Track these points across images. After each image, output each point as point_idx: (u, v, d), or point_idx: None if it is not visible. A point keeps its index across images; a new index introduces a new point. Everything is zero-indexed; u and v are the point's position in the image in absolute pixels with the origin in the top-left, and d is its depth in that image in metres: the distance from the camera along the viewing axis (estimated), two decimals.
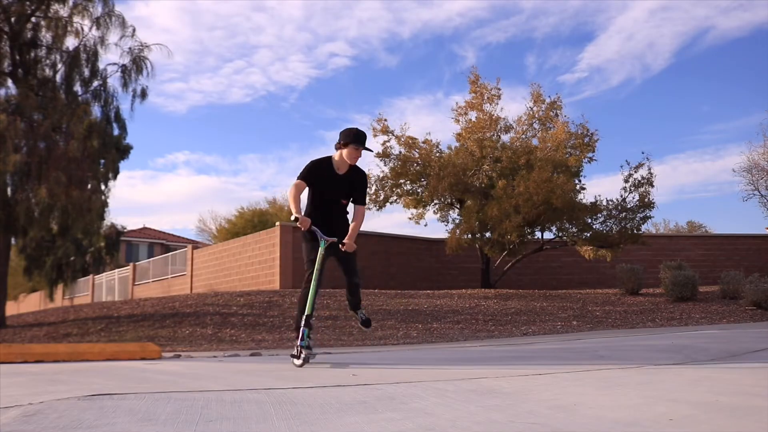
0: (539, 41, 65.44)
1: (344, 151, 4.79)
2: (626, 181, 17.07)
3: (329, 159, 4.89)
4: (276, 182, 73.77)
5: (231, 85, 69.26)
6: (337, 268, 4.99)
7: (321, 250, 4.62)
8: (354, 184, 4.89)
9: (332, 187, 4.85)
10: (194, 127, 73.86)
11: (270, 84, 69.90)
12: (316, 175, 4.82)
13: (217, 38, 67.72)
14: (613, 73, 64.91)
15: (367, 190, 4.81)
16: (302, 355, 4.47)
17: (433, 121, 69.85)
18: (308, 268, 4.73)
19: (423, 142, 17.64)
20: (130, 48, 16.05)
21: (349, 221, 4.96)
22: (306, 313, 4.57)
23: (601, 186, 56.16)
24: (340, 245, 4.66)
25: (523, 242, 17.06)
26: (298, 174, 4.84)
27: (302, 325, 4.55)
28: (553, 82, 65.01)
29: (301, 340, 4.50)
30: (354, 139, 4.75)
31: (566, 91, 65.68)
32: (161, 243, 42.60)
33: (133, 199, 64.30)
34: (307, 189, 4.87)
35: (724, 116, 63.42)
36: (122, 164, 16.87)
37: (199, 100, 69.69)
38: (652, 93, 66.22)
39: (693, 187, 70.79)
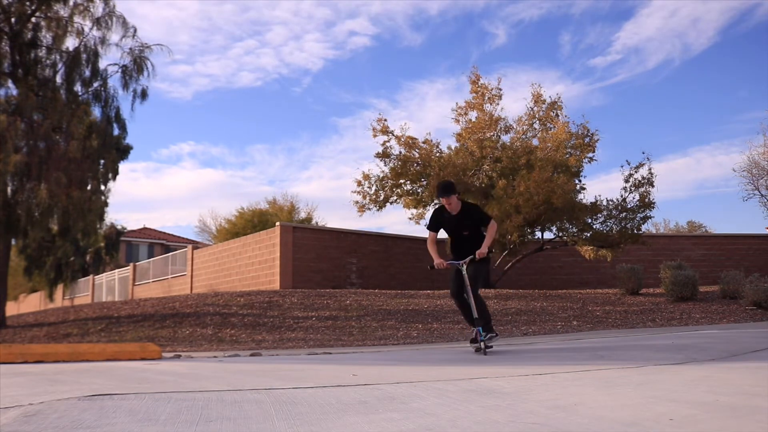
0: (576, 17, 61.33)
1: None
2: (626, 181, 17.08)
3: (443, 206, 6.08)
4: (284, 176, 70.55)
5: (240, 68, 66.54)
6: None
7: (463, 272, 5.84)
8: (470, 218, 6.03)
9: (453, 226, 6.08)
10: (200, 115, 70.76)
11: (282, 66, 67.08)
12: (438, 221, 6.13)
13: (227, 13, 64.72)
14: (650, 54, 60.39)
15: (483, 212, 6.41)
16: (481, 347, 5.76)
17: (454, 107, 68.05)
18: (451, 289, 6.19)
19: (423, 142, 17.64)
20: (130, 48, 16.07)
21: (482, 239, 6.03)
22: (474, 317, 5.83)
23: (609, 182, 53.83)
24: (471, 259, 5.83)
25: (523, 242, 17.07)
26: (428, 226, 6.29)
27: (473, 326, 5.90)
28: (584, 66, 62.53)
29: (480, 336, 5.79)
30: (438, 193, 6.00)
31: (597, 75, 63.25)
32: (161, 243, 42.62)
33: (135, 194, 62.87)
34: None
35: (761, 103, 57.28)
36: (124, 158, 16.87)
37: (206, 84, 66.96)
38: (690, 77, 61.51)
39: (714, 182, 67.04)
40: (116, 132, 16.29)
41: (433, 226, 6.24)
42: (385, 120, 17.69)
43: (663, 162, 62.94)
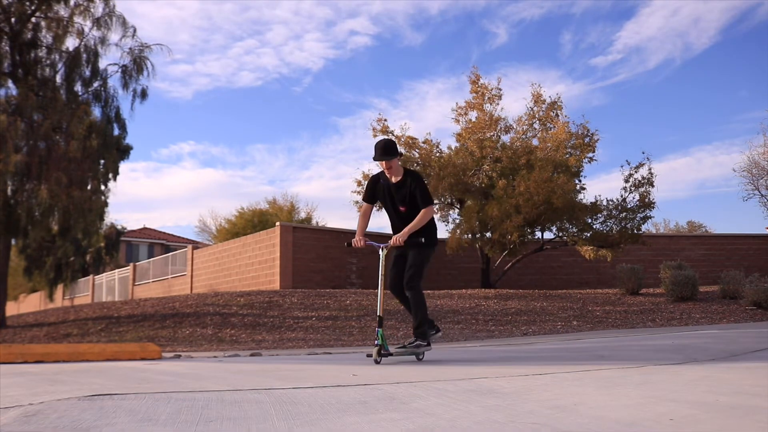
0: (577, 17, 61.17)
1: None
2: (626, 181, 17.08)
3: (382, 173, 5.09)
4: (284, 176, 70.41)
5: (241, 68, 66.06)
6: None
7: (381, 258, 4.95)
8: (409, 191, 4.96)
9: (389, 197, 5.05)
10: (200, 115, 70.52)
11: (283, 66, 66.37)
12: (374, 189, 5.14)
13: (228, 12, 64.02)
14: (651, 53, 60.28)
15: (424, 190, 5.04)
16: (374, 352, 4.69)
17: (454, 107, 67.50)
18: (389, 280, 5.08)
19: (423, 142, 17.65)
20: (130, 48, 16.10)
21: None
22: (378, 314, 4.91)
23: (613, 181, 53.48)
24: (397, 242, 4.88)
25: (523, 242, 17.07)
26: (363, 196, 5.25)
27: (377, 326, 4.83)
28: (585, 66, 62.29)
29: (376, 339, 4.77)
30: (375, 155, 4.94)
31: (598, 74, 62.92)
32: (161, 243, 42.63)
33: (135, 194, 62.65)
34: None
35: (762, 103, 56.30)
36: (124, 158, 16.89)
37: (206, 84, 66.50)
38: (691, 76, 61.58)
39: (715, 181, 66.80)
40: (116, 132, 16.32)
41: (366, 196, 5.21)
42: (385, 120, 17.73)
43: (664, 162, 62.95)
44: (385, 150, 4.90)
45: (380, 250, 4.94)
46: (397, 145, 5.07)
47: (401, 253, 5.03)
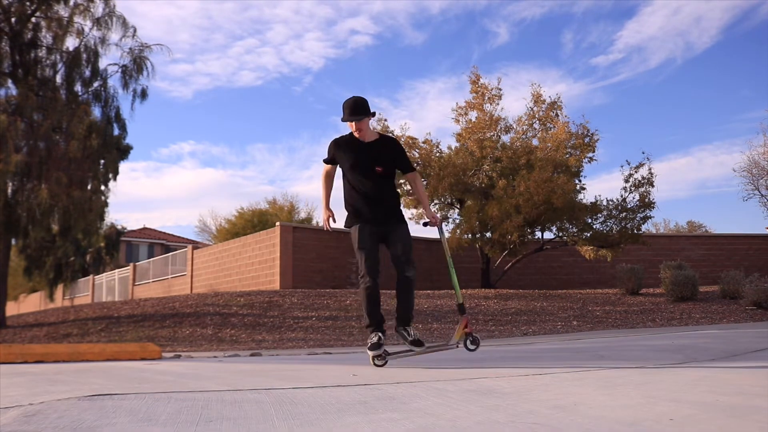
0: (578, 16, 61.36)
1: None
2: (626, 181, 17.09)
3: (351, 133, 4.28)
4: (285, 175, 71.00)
5: (241, 67, 66.16)
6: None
7: (444, 239, 4.26)
8: (387, 151, 4.21)
9: (360, 155, 4.16)
10: (200, 114, 70.73)
11: (283, 65, 66.59)
12: (338, 148, 4.23)
13: (228, 11, 64.11)
14: (653, 52, 60.43)
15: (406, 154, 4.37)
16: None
17: (454, 107, 67.28)
18: (366, 267, 4.27)
19: (423, 142, 17.66)
20: (130, 48, 16.11)
21: (399, 195, 4.26)
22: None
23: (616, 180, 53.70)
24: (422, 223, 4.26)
25: (523, 242, 17.08)
26: (325, 158, 4.31)
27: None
28: (586, 65, 62.34)
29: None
30: (345, 114, 4.11)
31: (599, 74, 63.01)
32: (161, 243, 42.63)
33: (135, 193, 62.81)
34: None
35: (763, 102, 56.44)
36: (124, 157, 16.90)
37: (206, 83, 66.67)
38: (692, 75, 61.79)
39: (716, 181, 67.07)
40: (116, 132, 16.33)
41: (329, 155, 4.30)
42: (386, 120, 17.76)
43: (665, 161, 63.08)
44: (355, 109, 4.06)
45: (439, 232, 4.41)
46: (369, 104, 4.13)
47: (377, 230, 4.28)
